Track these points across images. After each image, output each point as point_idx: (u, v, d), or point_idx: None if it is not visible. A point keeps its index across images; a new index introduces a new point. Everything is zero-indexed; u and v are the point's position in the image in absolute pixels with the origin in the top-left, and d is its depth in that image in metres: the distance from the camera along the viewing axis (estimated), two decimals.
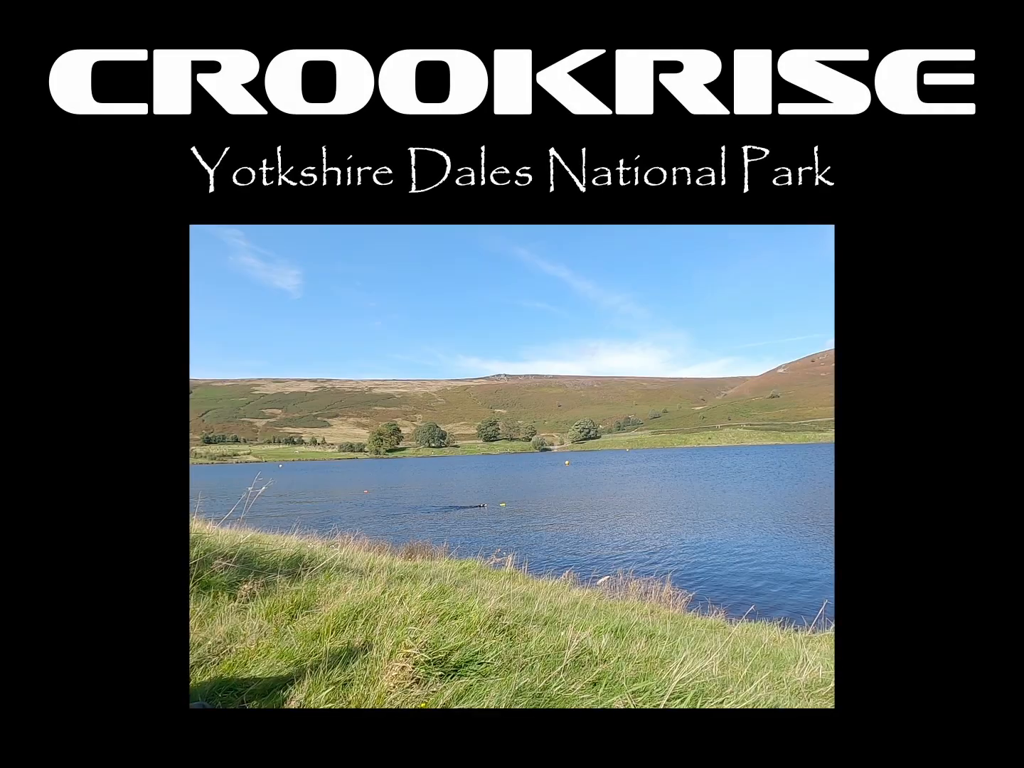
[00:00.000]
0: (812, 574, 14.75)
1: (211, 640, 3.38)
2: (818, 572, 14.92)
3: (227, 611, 3.88)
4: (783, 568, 15.49)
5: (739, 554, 17.48)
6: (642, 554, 17.86)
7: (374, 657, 3.15)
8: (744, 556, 17.19)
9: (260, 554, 5.29)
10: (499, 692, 2.89)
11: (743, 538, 20.11)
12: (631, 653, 3.77)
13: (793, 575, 14.70)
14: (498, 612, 4.12)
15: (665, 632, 5.12)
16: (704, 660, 3.64)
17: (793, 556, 16.95)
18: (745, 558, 16.90)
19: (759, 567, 15.74)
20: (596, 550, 18.61)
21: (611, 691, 3.07)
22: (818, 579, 14.16)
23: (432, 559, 11.76)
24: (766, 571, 15.24)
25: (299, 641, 3.44)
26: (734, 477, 51.99)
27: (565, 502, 35.37)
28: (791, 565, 15.81)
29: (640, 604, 8.27)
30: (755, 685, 3.33)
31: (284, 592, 4.30)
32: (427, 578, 5.64)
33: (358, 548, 9.22)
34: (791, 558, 16.68)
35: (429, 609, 3.98)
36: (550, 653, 3.51)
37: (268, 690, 2.82)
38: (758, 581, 14.21)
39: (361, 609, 3.91)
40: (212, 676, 2.98)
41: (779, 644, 6.56)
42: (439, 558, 12.16)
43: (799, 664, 4.45)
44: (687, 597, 9.77)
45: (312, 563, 5.21)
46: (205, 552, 4.67)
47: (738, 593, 12.98)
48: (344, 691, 2.85)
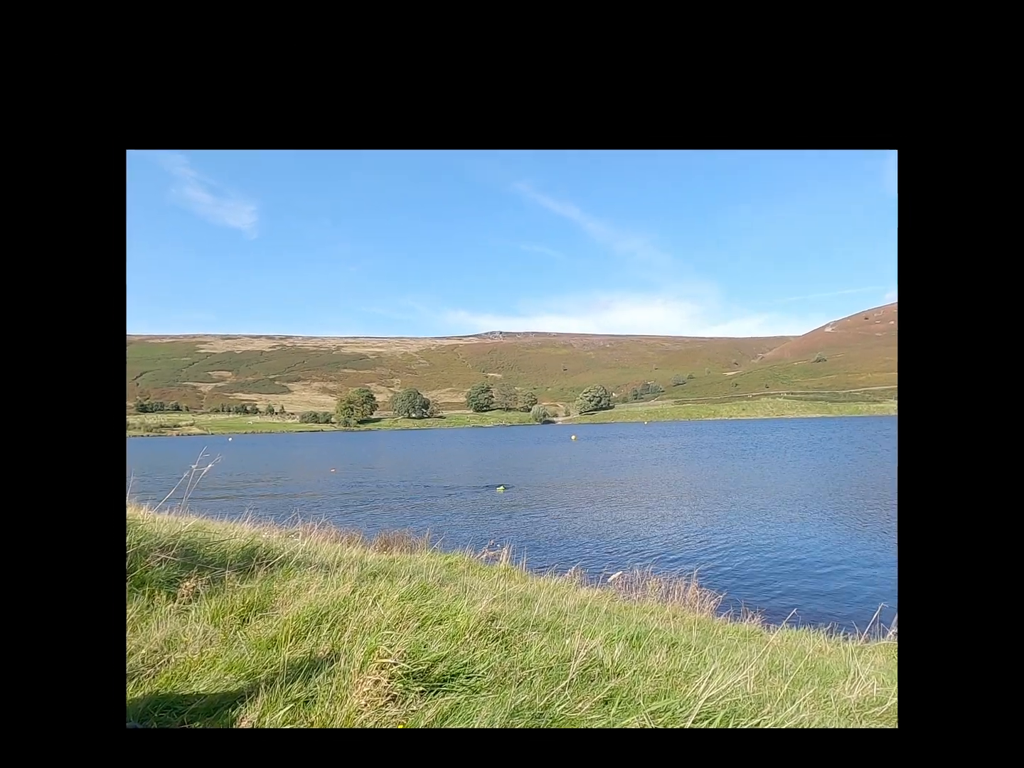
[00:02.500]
0: (867, 573, 14.91)
1: (145, 648, 3.39)
2: (874, 570, 15.08)
3: (165, 613, 3.88)
4: (832, 566, 15.66)
5: (779, 548, 17.65)
6: (662, 547, 18.04)
7: (342, 669, 3.15)
8: (785, 551, 17.36)
9: (205, 545, 5.29)
10: (492, 711, 2.90)
11: (784, 529, 20.31)
12: (649, 666, 3.80)
13: (844, 574, 14.87)
14: (491, 616, 4.13)
15: (690, 641, 5.16)
16: (736, 674, 3.66)
17: (844, 551, 17.12)
18: (786, 553, 17.07)
19: (802, 564, 15.90)
20: (608, 542, 18.79)
21: (625, 711, 3.08)
22: (874, 578, 14.32)
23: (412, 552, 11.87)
24: (811, 569, 15.41)
25: (251, 650, 3.44)
26: (773, 456, 52.35)
27: (571, 485, 35.62)
28: (841, 562, 15.97)
29: (660, 607, 8.37)
30: (797, 704, 3.35)
31: (234, 591, 4.30)
32: (406, 575, 5.65)
33: (323, 539, 9.30)
34: (842, 554, 16.86)
35: (408, 612, 3.98)
36: (553, 665, 3.53)
37: (214, 708, 2.83)
38: (801, 580, 14.37)
39: (326, 612, 3.92)
40: (146, 692, 2.98)
41: (826, 655, 6.64)
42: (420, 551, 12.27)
43: (850, 679, 4.50)
44: (716, 599, 9.88)
45: (268, 556, 5.21)
46: (139, 543, 4.66)
47: (777, 595, 13.14)
48: (306, 710, 2.86)
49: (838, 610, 11.72)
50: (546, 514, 24.53)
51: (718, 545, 18.12)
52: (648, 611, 7.75)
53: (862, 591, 13.26)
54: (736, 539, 18.81)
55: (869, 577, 14.42)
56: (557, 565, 11.83)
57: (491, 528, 21.46)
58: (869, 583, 13.89)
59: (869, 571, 15.00)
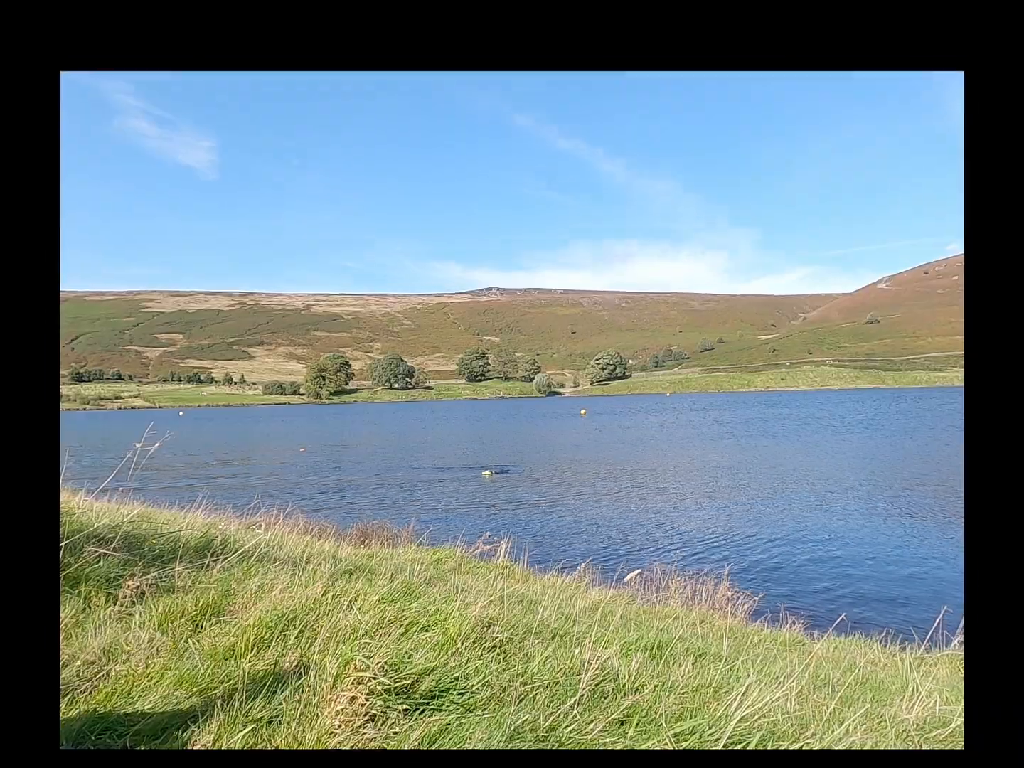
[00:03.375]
0: (927, 572, 14.97)
1: (81, 659, 3.37)
2: (936, 569, 15.13)
3: (104, 618, 3.87)
4: (888, 564, 15.72)
5: (825, 544, 17.71)
6: (687, 541, 18.11)
7: (312, 684, 3.15)
8: (832, 546, 17.43)
9: (152, 538, 5.28)
10: (488, 733, 2.90)
11: (831, 521, 20.37)
12: (673, 680, 3.80)
13: (901, 573, 14.92)
14: (487, 621, 4.13)
15: (720, 651, 5.17)
16: (775, 690, 3.66)
17: (903, 547, 17.19)
18: (833, 549, 17.14)
19: (852, 562, 15.97)
20: (623, 535, 18.88)
21: (645, 732, 3.08)
22: (935, 579, 14.37)
23: (393, 546, 11.90)
24: (863, 568, 15.47)
25: (206, 661, 3.43)
26: (818, 433, 52.46)
27: (580, 469, 35.74)
28: (897, 560, 16.04)
29: (685, 611, 8.40)
30: (846, 725, 3.35)
31: (185, 591, 4.29)
32: (387, 573, 5.66)
33: (290, 530, 9.30)
34: (900, 550, 16.92)
35: (389, 617, 3.98)
36: (559, 679, 3.53)
37: (162, 730, 2.82)
38: (851, 581, 14.44)
39: (294, 616, 3.91)
40: (83, 709, 2.97)
41: (879, 668, 6.67)
42: (403, 545, 12.32)
43: (908, 696, 4.50)
44: (751, 602, 9.94)
45: (225, 551, 5.21)
46: (74, 534, 4.64)
47: (822, 597, 13.21)
48: (269, 731, 2.85)
49: (894, 615, 11.78)
50: (552, 502, 24.62)
51: (754, 539, 18.17)
52: (671, 616, 7.78)
53: (922, 593, 13.32)
54: (775, 532, 18.87)
55: (931, 577, 14.46)
56: (564, 562, 11.90)
57: (487, 518, 21.55)
58: (931, 584, 13.94)
59: (931, 570, 15.04)
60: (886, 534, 18.34)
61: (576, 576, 9.72)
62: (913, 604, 12.57)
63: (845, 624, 8.45)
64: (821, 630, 8.36)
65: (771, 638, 7.67)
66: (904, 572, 14.86)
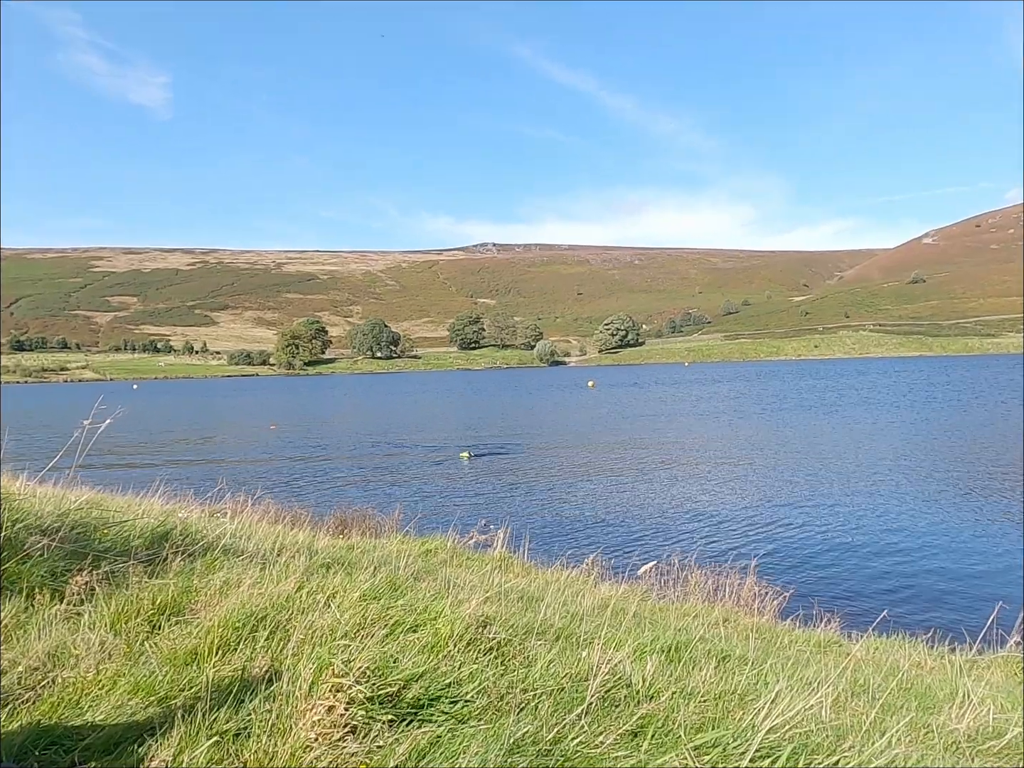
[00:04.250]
0: (979, 565, 14.95)
1: (23, 665, 3.37)
2: (988, 561, 15.10)
3: (49, 618, 3.86)
4: (933, 555, 15.74)
5: (862, 532, 17.70)
6: (708, 530, 18.15)
7: (285, 692, 3.14)
8: (871, 536, 17.42)
9: (102, 528, 5.27)
10: (484, 747, 2.90)
11: (871, 507, 20.36)
12: (693, 686, 3.80)
13: (949, 567, 14.94)
14: (482, 620, 4.13)
15: (746, 653, 5.19)
16: (809, 697, 3.66)
17: (952, 536, 17.18)
18: (873, 539, 17.13)
19: (894, 553, 15.95)
20: (636, 523, 18.90)
21: (661, 745, 3.08)
22: (989, 572, 14.36)
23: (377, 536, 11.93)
24: (906, 560, 15.47)
25: (164, 666, 3.43)
26: (857, 407, 52.45)
27: (587, 448, 35.78)
28: (945, 550, 16.05)
29: (707, 608, 8.42)
30: (888, 736, 3.35)
31: (141, 588, 4.28)
32: (369, 566, 5.66)
33: (259, 518, 9.29)
34: (946, 539, 16.91)
35: (372, 616, 3.97)
36: (565, 686, 3.53)
37: (115, 744, 2.81)
38: (893, 574, 14.45)
39: (264, 615, 3.91)
40: (25, 722, 2.96)
41: (925, 672, 6.69)
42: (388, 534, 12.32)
43: (957, 703, 4.51)
44: (781, 598, 9.95)
45: (186, 542, 5.20)
46: (14, 524, 4.64)
47: (861, 594, 13.22)
48: (236, 745, 2.84)
49: (942, 613, 11.82)
50: (554, 486, 24.66)
51: (785, 528, 18.17)
52: (690, 614, 7.80)
53: (974, 588, 13.33)
54: (807, 520, 18.88)
55: (984, 570, 14.45)
56: (570, 553, 11.89)
57: (481, 504, 21.57)
58: (984, 578, 13.93)
59: (985, 563, 15.03)
60: (935, 522, 18.34)
61: (583, 569, 9.76)
62: (963, 600, 12.59)
63: (887, 623, 8.45)
64: (860, 630, 8.39)
65: (803, 639, 7.69)
66: (954, 565, 14.86)
